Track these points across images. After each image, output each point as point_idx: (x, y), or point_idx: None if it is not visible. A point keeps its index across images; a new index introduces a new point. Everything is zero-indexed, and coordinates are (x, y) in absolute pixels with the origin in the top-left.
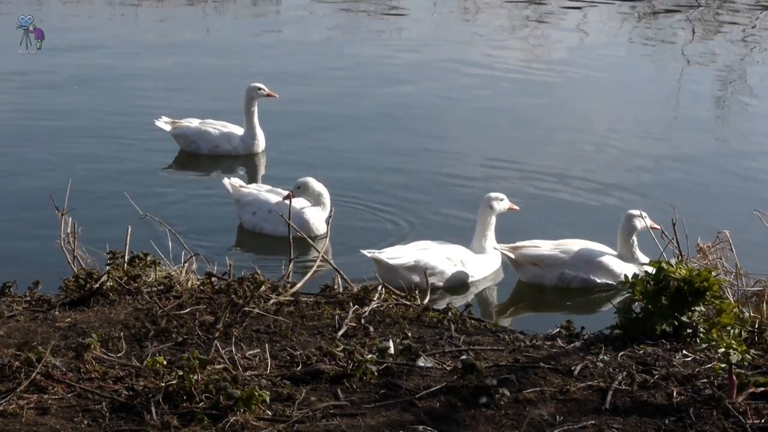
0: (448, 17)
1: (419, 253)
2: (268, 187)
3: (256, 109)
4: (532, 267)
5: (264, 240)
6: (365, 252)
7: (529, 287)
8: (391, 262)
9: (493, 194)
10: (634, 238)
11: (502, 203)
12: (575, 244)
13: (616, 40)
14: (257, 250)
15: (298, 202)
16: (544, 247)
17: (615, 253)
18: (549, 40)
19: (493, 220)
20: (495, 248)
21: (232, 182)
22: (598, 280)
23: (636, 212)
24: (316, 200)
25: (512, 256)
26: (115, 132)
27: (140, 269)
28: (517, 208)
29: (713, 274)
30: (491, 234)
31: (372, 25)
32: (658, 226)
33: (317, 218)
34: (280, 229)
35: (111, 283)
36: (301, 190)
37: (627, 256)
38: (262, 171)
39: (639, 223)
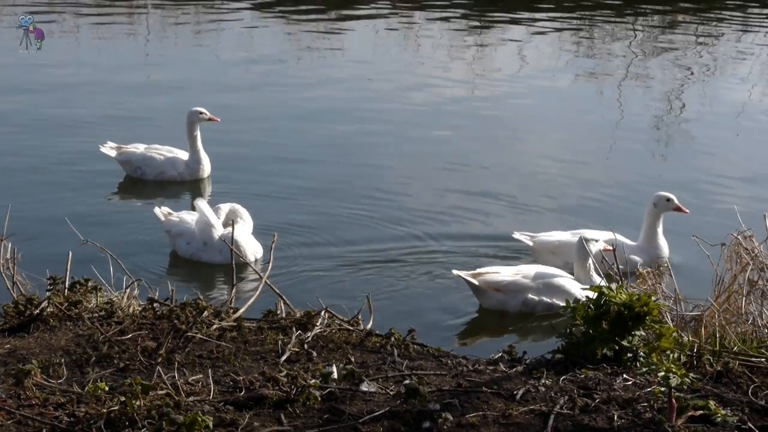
0: (390, 47)
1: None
2: (196, 214)
3: (198, 133)
4: (495, 293)
5: (202, 267)
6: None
7: (490, 313)
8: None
9: (662, 194)
10: (590, 261)
11: (670, 202)
12: (536, 270)
13: (556, 69)
14: (197, 276)
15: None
16: (505, 272)
17: (572, 277)
18: (490, 67)
19: (661, 219)
20: (455, 273)
21: (162, 211)
22: (562, 304)
23: (590, 236)
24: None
25: (476, 282)
26: (60, 158)
27: (81, 295)
28: (687, 211)
29: (653, 298)
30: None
31: (314, 52)
32: (611, 248)
33: (249, 243)
34: (217, 258)
35: (51, 309)
36: (231, 215)
37: (584, 280)
38: (207, 197)
39: (594, 247)
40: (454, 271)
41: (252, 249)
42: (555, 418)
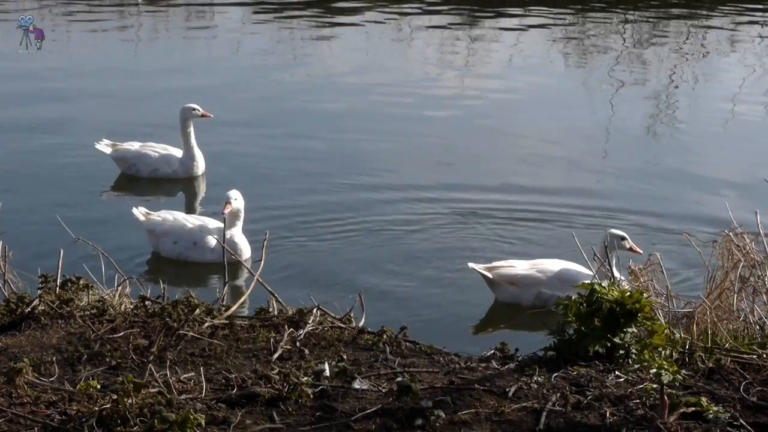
0: (382, 41)
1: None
2: (181, 214)
3: (192, 130)
4: (509, 287)
5: (194, 265)
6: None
7: (505, 307)
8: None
9: None
10: (613, 257)
11: None
12: (551, 264)
13: (547, 65)
14: (188, 274)
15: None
16: (520, 266)
17: (592, 272)
18: (481, 64)
19: None
20: (470, 266)
21: (140, 210)
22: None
23: (617, 232)
24: (236, 215)
25: (490, 275)
26: (55, 155)
27: (73, 293)
28: None
29: (645, 295)
30: None
31: (305, 48)
32: (641, 251)
33: (244, 242)
34: (207, 257)
35: (43, 307)
36: (238, 201)
37: (604, 276)
38: (201, 194)
39: (621, 244)
40: (470, 264)
41: (246, 248)
42: (547, 415)
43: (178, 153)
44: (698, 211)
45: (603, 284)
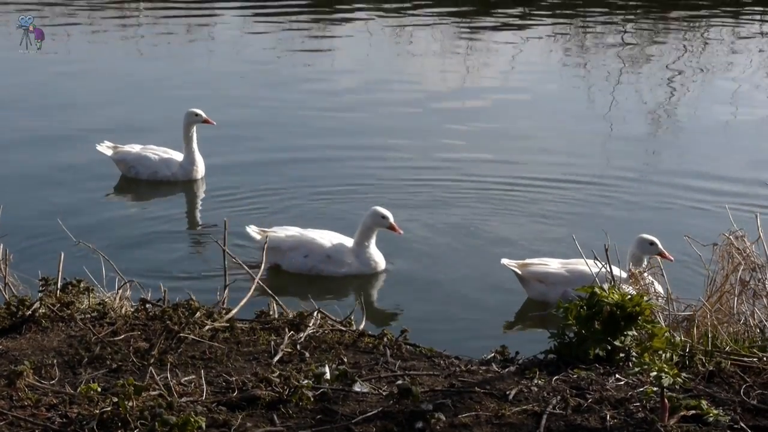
0: (382, 46)
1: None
2: (297, 229)
3: (194, 134)
4: (538, 284)
5: (195, 268)
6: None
7: (535, 304)
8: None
9: None
10: (645, 261)
11: None
12: (582, 264)
13: (546, 72)
14: (190, 277)
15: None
16: (552, 265)
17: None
18: (480, 70)
19: None
20: (502, 262)
21: (253, 228)
22: None
23: (648, 237)
24: (373, 229)
25: (519, 272)
26: (56, 157)
27: (73, 296)
28: None
29: (645, 298)
30: None
31: (306, 52)
32: (672, 258)
33: (379, 255)
34: (342, 270)
35: (43, 310)
36: (386, 219)
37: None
38: (201, 197)
39: (651, 249)
40: (503, 260)
41: (381, 260)
42: (547, 418)
43: (178, 156)
44: (698, 213)
45: (603, 287)
